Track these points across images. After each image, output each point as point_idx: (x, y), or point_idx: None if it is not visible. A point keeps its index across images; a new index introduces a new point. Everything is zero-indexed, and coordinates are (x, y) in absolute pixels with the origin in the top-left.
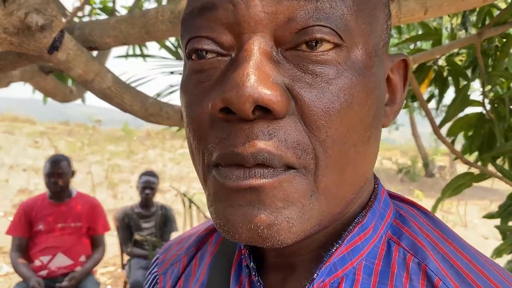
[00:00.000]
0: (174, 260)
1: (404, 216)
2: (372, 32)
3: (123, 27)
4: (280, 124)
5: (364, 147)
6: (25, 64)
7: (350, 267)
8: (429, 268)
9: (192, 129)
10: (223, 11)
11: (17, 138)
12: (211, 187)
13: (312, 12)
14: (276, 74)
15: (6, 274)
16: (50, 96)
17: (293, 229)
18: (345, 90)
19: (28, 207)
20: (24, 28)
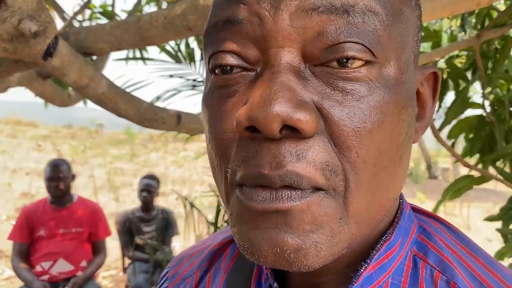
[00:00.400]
0: (186, 275)
1: (428, 231)
2: (405, 46)
3: (118, 33)
4: (309, 144)
5: (395, 168)
6: (21, 70)
7: (377, 286)
8: (458, 286)
9: (214, 145)
10: (249, 24)
11: (20, 142)
12: (235, 207)
13: (344, 27)
14: (304, 91)
15: (8, 277)
16: (49, 100)
17: (321, 254)
18: (377, 109)
19: (29, 213)
20: (18, 34)
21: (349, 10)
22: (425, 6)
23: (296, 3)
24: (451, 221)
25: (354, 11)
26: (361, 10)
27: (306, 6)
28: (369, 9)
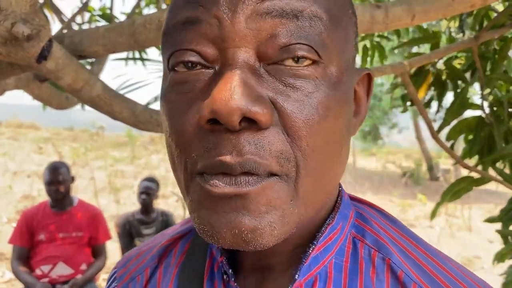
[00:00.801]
0: (136, 273)
1: (365, 216)
2: (345, 49)
3: (112, 36)
4: (265, 135)
5: (338, 156)
6: (17, 73)
7: (322, 266)
8: (393, 262)
9: (175, 138)
10: (208, 25)
11: (21, 144)
12: (196, 195)
13: (294, 30)
14: (260, 87)
15: (9, 280)
16: (46, 103)
17: (274, 233)
18: (323, 103)
19: (30, 217)
20: (12, 38)
21: (298, 15)
22: (418, 9)
23: (251, 7)
24: (452, 222)
25: (303, 16)
26: (308, 15)
27: (260, 11)
28: (315, 15)
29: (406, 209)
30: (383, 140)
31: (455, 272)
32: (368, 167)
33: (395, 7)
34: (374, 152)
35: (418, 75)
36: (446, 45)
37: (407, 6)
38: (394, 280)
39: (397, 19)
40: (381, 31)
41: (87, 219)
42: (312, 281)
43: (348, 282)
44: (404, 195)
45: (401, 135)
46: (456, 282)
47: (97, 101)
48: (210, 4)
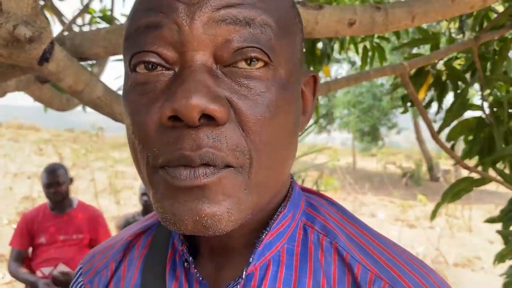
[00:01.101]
0: (101, 268)
1: (314, 204)
2: (293, 54)
3: (113, 38)
4: (222, 130)
5: (287, 149)
6: (18, 75)
7: (275, 250)
8: (339, 245)
9: (137, 135)
10: (168, 30)
11: (21, 146)
12: (159, 187)
13: (246, 35)
14: (217, 87)
15: (9, 282)
16: (47, 105)
17: (232, 218)
18: (273, 102)
19: (29, 219)
20: (13, 40)
21: (250, 22)
22: (418, 10)
23: (208, 15)
24: (452, 223)
25: (254, 24)
26: (259, 23)
27: (216, 18)
28: (265, 23)
29: (407, 210)
30: (383, 140)
31: (394, 252)
32: (368, 167)
33: (395, 8)
34: (374, 153)
35: (418, 76)
36: (446, 46)
37: (407, 8)
38: (340, 261)
39: (397, 20)
40: (381, 33)
41: (87, 221)
42: (266, 265)
43: (299, 265)
44: (404, 196)
45: (401, 136)
46: (395, 260)
47: (98, 103)
48: (170, 11)
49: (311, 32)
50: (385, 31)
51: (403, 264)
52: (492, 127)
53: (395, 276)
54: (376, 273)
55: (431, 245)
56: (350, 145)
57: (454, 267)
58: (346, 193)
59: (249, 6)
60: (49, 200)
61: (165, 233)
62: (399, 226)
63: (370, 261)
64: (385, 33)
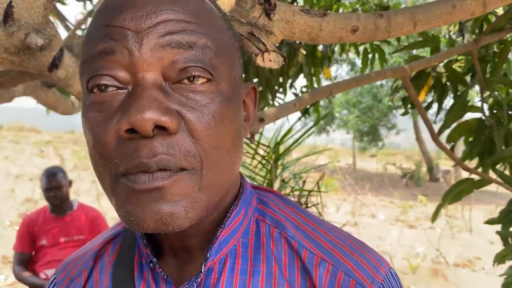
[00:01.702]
0: (75, 276)
1: (265, 200)
2: (232, 69)
3: None
4: (175, 138)
5: (233, 151)
6: (26, 81)
7: (231, 245)
8: (288, 235)
9: (98, 149)
10: (120, 55)
11: (23, 148)
12: (121, 193)
13: (189, 57)
14: (167, 101)
15: (12, 283)
16: (52, 109)
17: (188, 215)
18: (218, 112)
19: (30, 223)
20: (25, 48)
21: (192, 46)
22: (420, 17)
23: (154, 41)
24: (453, 224)
25: (196, 47)
26: (200, 46)
27: (162, 43)
28: (206, 45)
29: (407, 210)
30: (383, 141)
31: (336, 236)
32: (368, 168)
33: (397, 15)
34: (374, 154)
35: (418, 78)
36: (447, 49)
37: (409, 14)
38: (289, 249)
39: (399, 27)
40: (384, 39)
41: (88, 222)
42: (224, 259)
43: (254, 256)
44: (404, 196)
45: (401, 137)
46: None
47: None
48: (121, 38)
49: (316, 38)
50: (387, 37)
51: (344, 246)
52: (492, 128)
53: (338, 258)
54: (321, 256)
55: (432, 246)
56: (349, 146)
57: (454, 268)
58: (347, 194)
59: (191, 32)
60: (49, 203)
61: (131, 239)
62: (399, 226)
63: (316, 246)
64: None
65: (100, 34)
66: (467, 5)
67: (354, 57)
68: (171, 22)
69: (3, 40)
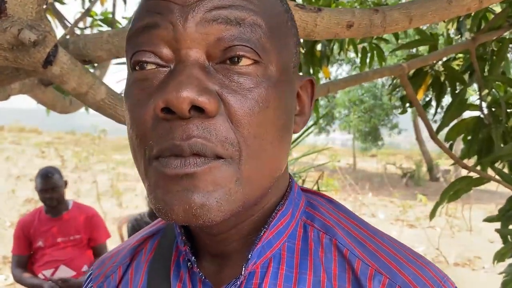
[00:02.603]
0: (110, 272)
1: (314, 204)
2: (283, 54)
3: (116, 41)
4: (212, 122)
5: (278, 144)
6: (22, 78)
7: (276, 248)
8: (339, 242)
9: (135, 128)
10: (164, 30)
11: (24, 149)
12: (152, 177)
13: (237, 34)
14: (208, 81)
15: (12, 283)
16: (50, 107)
17: (221, 208)
18: (262, 97)
19: (25, 225)
20: (18, 44)
21: (241, 22)
22: (415, 12)
23: (200, 15)
24: (453, 223)
25: (244, 23)
26: (249, 23)
27: (208, 18)
28: (255, 22)
29: (407, 210)
30: (383, 141)
31: (393, 246)
32: (368, 168)
33: (393, 11)
34: (375, 153)
35: (416, 77)
36: (445, 47)
37: (405, 10)
38: (340, 257)
39: (394, 22)
40: (380, 34)
41: (84, 221)
42: (267, 263)
43: (300, 262)
44: (404, 196)
45: (401, 136)
46: (394, 255)
47: (101, 105)
48: (166, 12)
49: (311, 34)
50: (383, 33)
51: (402, 258)
52: (490, 127)
53: (395, 270)
54: (376, 268)
55: (432, 245)
56: (350, 146)
57: (454, 267)
58: (347, 194)
59: (240, 7)
60: (44, 204)
61: (170, 237)
62: (400, 226)
63: (370, 256)
64: (383, 34)
65: (145, 8)
66: (463, 1)
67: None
68: None
69: None
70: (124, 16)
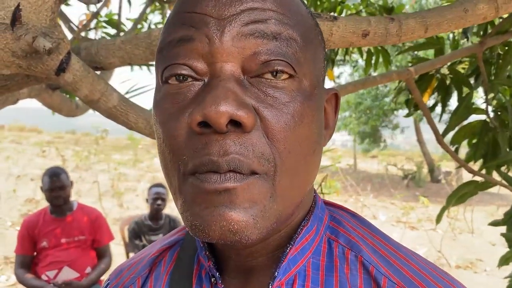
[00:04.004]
0: (128, 283)
1: (338, 218)
2: (315, 67)
3: (128, 48)
4: (248, 137)
5: (311, 158)
6: (32, 84)
7: (301, 265)
8: (364, 259)
9: (168, 143)
10: (200, 43)
11: (24, 148)
12: (188, 194)
13: (273, 49)
14: (245, 96)
15: (14, 284)
16: (57, 111)
17: (257, 225)
18: (298, 112)
19: (30, 226)
20: (32, 51)
21: (277, 36)
22: (431, 21)
23: (237, 29)
24: (455, 226)
25: (281, 38)
26: (285, 37)
27: (245, 32)
28: (291, 37)
29: (408, 212)
30: (385, 142)
31: (417, 263)
32: (369, 169)
33: (409, 19)
34: (375, 155)
35: (422, 80)
36: (451, 51)
37: (421, 19)
38: (366, 275)
39: (410, 31)
40: (395, 43)
41: (88, 222)
42: (292, 280)
43: (325, 279)
44: (405, 198)
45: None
46: (419, 271)
47: (113, 112)
48: (202, 25)
49: (326, 43)
50: (398, 41)
51: (427, 275)
52: (496, 131)
53: None
54: (402, 286)
55: (433, 247)
56: (350, 146)
57: (456, 269)
58: (348, 195)
59: (276, 21)
60: (50, 204)
61: (191, 249)
62: (401, 228)
63: (396, 273)
64: (399, 43)
65: (179, 21)
66: (479, 10)
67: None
68: (256, 10)
69: (10, 43)
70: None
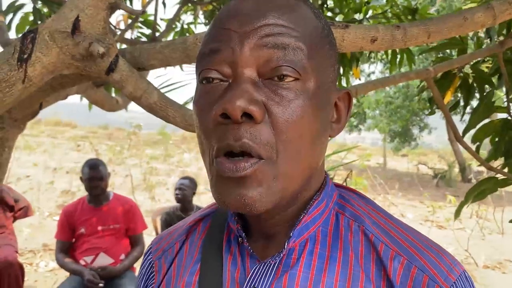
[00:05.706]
0: (167, 247)
1: (346, 197)
2: (320, 72)
3: (167, 52)
4: (258, 128)
5: (311, 147)
6: (82, 82)
7: (312, 231)
8: (366, 228)
9: (203, 131)
10: (225, 53)
11: (60, 142)
12: (213, 176)
13: (282, 57)
14: (257, 94)
15: (52, 269)
16: (100, 106)
17: (263, 200)
18: (300, 108)
19: (69, 213)
20: (88, 55)
21: (286, 47)
22: (433, 28)
23: (254, 41)
24: (484, 225)
25: (289, 48)
26: (293, 47)
27: (260, 44)
28: (298, 47)
29: (436, 211)
30: (416, 141)
31: (413, 235)
32: (399, 168)
33: (412, 27)
34: (406, 153)
35: (445, 79)
36: (472, 51)
37: (423, 26)
38: (366, 241)
39: (414, 37)
40: (400, 48)
41: (123, 212)
42: (304, 243)
43: (332, 243)
44: (434, 197)
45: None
46: (413, 241)
47: (154, 107)
48: (227, 39)
49: (338, 47)
50: (403, 46)
51: (420, 245)
52: None
53: (413, 254)
54: (397, 251)
55: (461, 247)
56: (380, 145)
57: (483, 270)
58: (376, 193)
59: (286, 35)
60: (89, 193)
61: (222, 218)
62: (428, 226)
63: (392, 241)
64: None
65: (212, 35)
66: (478, 18)
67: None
68: (270, 26)
69: (71, 48)
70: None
